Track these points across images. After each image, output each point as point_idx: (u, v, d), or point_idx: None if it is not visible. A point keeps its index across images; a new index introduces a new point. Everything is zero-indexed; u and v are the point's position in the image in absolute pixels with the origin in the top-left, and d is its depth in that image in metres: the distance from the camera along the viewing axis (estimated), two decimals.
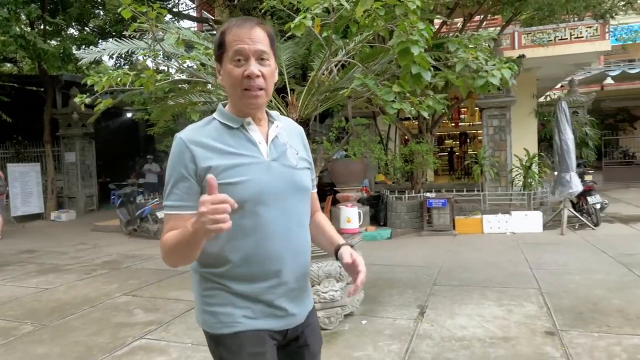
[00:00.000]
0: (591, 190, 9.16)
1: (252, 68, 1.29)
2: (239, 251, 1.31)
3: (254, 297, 1.34)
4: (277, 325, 1.37)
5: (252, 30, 1.31)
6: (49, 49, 10.53)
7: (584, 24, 12.13)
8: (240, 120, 1.35)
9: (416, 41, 2.92)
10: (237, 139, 1.34)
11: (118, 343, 3.81)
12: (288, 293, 1.38)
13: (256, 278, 1.33)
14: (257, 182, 1.30)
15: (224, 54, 1.33)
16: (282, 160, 1.38)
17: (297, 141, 1.49)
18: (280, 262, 1.34)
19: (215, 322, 1.35)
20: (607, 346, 3.36)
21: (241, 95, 1.32)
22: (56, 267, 7.05)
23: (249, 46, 1.29)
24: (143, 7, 3.04)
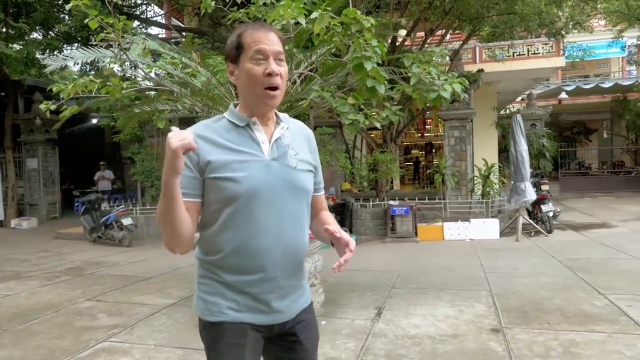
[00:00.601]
0: (545, 199, 9.65)
1: (272, 66, 1.37)
2: (230, 242, 1.39)
3: (240, 288, 1.40)
4: (261, 320, 1.43)
5: (268, 33, 1.40)
6: (11, 53, 10.36)
7: (540, 41, 12.79)
8: (246, 120, 1.43)
9: (369, 57, 3.15)
10: (241, 137, 1.42)
11: (81, 346, 3.86)
12: (276, 290, 1.43)
13: (244, 270, 1.40)
14: (253, 178, 1.37)
15: (242, 54, 1.40)
16: (282, 161, 1.44)
17: (303, 144, 1.54)
18: (267, 257, 1.40)
19: (204, 308, 1.44)
20: (545, 341, 3.64)
21: (260, 94, 1.39)
22: (17, 274, 6.95)
23: (268, 46, 1.38)
24: (110, 19, 3.16)
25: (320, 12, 3.07)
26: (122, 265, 7.46)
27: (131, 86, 4.20)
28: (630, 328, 3.85)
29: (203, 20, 13.84)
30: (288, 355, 1.52)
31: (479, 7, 8.54)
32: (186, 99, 4.09)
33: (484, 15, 8.88)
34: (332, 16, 3.11)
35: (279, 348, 1.52)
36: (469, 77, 10.57)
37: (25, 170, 14.12)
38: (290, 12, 3.04)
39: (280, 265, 1.43)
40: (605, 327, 3.88)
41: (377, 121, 3.75)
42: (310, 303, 1.58)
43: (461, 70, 10.81)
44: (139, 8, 15.99)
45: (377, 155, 10.25)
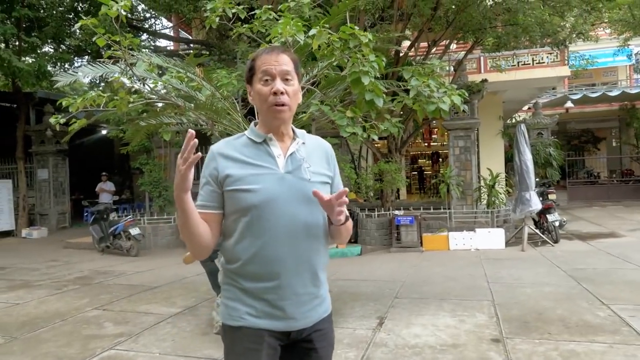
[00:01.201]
0: (550, 209, 9.63)
1: (277, 85, 1.48)
2: (247, 251, 1.48)
3: (257, 294, 1.48)
4: (277, 326, 1.49)
5: (278, 55, 1.52)
6: (23, 66, 10.61)
7: (545, 51, 12.84)
8: (263, 136, 1.53)
9: (366, 72, 3.23)
10: (258, 152, 1.52)
11: (87, 354, 3.94)
12: (291, 297, 1.49)
13: (260, 277, 1.48)
14: (268, 190, 1.46)
15: (254, 76, 1.53)
16: (297, 174, 1.52)
17: (320, 157, 1.61)
18: (281, 265, 1.47)
19: (226, 313, 1.54)
20: (545, 351, 3.66)
21: (268, 111, 1.51)
22: (27, 283, 7.07)
23: (274, 67, 1.49)
24: (117, 37, 3.29)
25: (318, 29, 3.17)
26: (129, 274, 7.56)
27: (138, 100, 4.33)
28: (631, 339, 3.86)
29: (210, 33, 14.04)
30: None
31: (481, 18, 8.62)
32: (191, 113, 4.20)
33: (486, 27, 8.96)
34: (330, 32, 3.20)
35: (294, 355, 1.57)
36: (472, 87, 10.65)
37: (36, 180, 14.36)
38: (288, 30, 3.14)
39: (295, 272, 1.49)
40: (606, 338, 3.89)
41: (375, 134, 3.83)
42: (329, 313, 1.63)
43: (465, 81, 10.89)
44: (147, 21, 16.25)
45: (381, 165, 10.31)
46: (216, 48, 13.50)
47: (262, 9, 4.37)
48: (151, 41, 16.07)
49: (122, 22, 3.50)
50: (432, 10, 8.96)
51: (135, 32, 14.91)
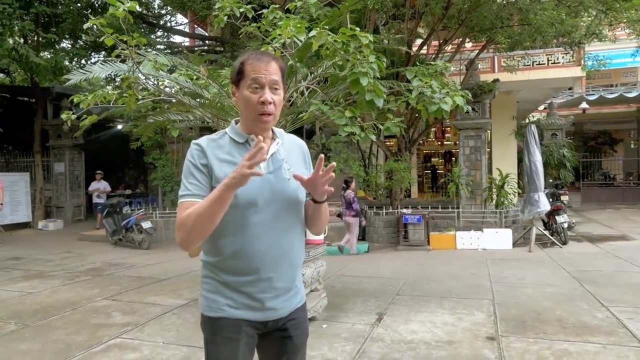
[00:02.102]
0: (559, 210, 9.58)
1: (266, 95, 1.52)
2: (229, 246, 1.54)
3: (236, 287, 1.56)
4: (255, 316, 1.58)
5: (268, 63, 1.55)
6: (40, 62, 10.87)
7: (560, 51, 12.72)
8: (245, 137, 1.59)
9: (365, 73, 3.31)
10: (241, 152, 1.56)
11: (95, 341, 4.10)
12: (270, 290, 1.57)
13: (240, 272, 1.55)
14: (251, 190, 1.50)
15: (242, 81, 1.56)
16: (278, 174, 1.58)
17: (297, 156, 1.69)
18: (261, 261, 1.55)
19: (205, 305, 1.60)
20: (538, 350, 3.71)
21: (254, 118, 1.55)
22: (41, 273, 7.30)
23: (265, 76, 1.53)
24: (124, 36, 3.41)
25: (318, 31, 3.25)
26: (140, 267, 7.75)
27: (147, 97, 4.46)
28: (626, 340, 3.88)
29: (224, 30, 14.19)
30: (278, 349, 1.67)
31: (493, 18, 8.60)
32: (197, 110, 4.32)
33: (497, 27, 8.93)
34: (329, 34, 3.28)
35: (270, 342, 1.67)
36: (484, 87, 10.63)
37: (52, 174, 14.70)
38: (288, 32, 3.23)
39: (274, 267, 1.57)
40: (601, 339, 3.92)
41: (373, 133, 3.90)
42: (304, 303, 1.72)
43: (476, 80, 10.87)
44: (163, 18, 16.47)
45: (391, 164, 10.36)
46: (229, 44, 13.66)
47: (270, 9, 4.46)
48: (166, 38, 16.27)
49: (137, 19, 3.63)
50: (444, 9, 8.97)
51: (150, 29, 15.16)
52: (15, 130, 14.92)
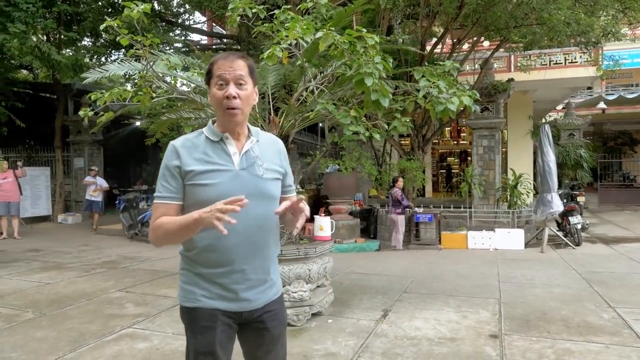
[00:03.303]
0: (573, 211, 9.51)
1: (230, 90, 1.61)
2: (203, 240, 1.62)
3: (211, 279, 1.64)
4: (229, 307, 1.65)
5: (233, 61, 1.63)
6: (62, 59, 11.15)
7: (578, 50, 12.56)
8: (220, 135, 1.66)
9: (370, 73, 3.38)
10: (215, 150, 1.65)
11: (107, 331, 4.25)
12: (243, 281, 1.65)
13: (215, 264, 1.63)
14: (223, 185, 1.60)
15: (211, 80, 1.66)
16: (251, 170, 1.66)
17: (273, 154, 1.75)
18: (235, 253, 1.62)
19: (182, 296, 1.70)
20: (540, 348, 3.74)
21: (223, 113, 1.64)
22: (59, 265, 7.53)
23: (228, 73, 1.62)
24: (139, 37, 3.54)
25: (324, 32, 3.33)
26: (154, 260, 7.94)
27: (161, 95, 4.59)
28: (630, 340, 3.89)
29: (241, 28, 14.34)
30: (256, 340, 1.76)
31: (507, 17, 8.56)
32: (208, 108, 4.44)
33: (512, 26, 8.88)
34: (335, 35, 3.35)
35: (249, 333, 1.76)
36: (498, 86, 10.58)
37: (72, 168, 15.04)
38: (294, 33, 3.31)
39: (247, 260, 1.65)
40: (604, 339, 3.93)
41: (378, 133, 3.96)
42: (280, 295, 1.80)
43: (491, 80, 10.81)
44: (181, 16, 16.69)
45: (403, 163, 10.38)
46: (246, 43, 13.80)
47: (281, 10, 4.55)
48: (184, 36, 16.48)
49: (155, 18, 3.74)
50: (457, 9, 8.95)
51: (169, 27, 15.38)
52: (37, 126, 15.34)
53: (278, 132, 4.56)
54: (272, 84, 5.08)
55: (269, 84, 5.02)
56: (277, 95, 4.93)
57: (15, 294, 5.60)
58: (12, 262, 7.76)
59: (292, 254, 4.41)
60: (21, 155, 15.30)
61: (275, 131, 4.53)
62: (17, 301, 5.29)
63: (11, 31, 10.17)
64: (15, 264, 7.54)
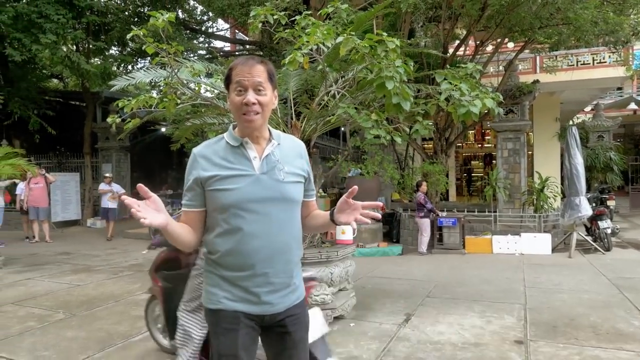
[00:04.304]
0: (603, 215, 9.27)
1: (249, 97, 1.61)
2: (225, 244, 1.64)
3: (233, 282, 1.65)
4: (252, 309, 1.66)
5: (252, 67, 1.63)
6: (90, 68, 11.49)
7: (607, 50, 12.27)
8: (239, 140, 1.67)
9: (391, 77, 3.38)
10: (235, 155, 1.66)
11: (134, 331, 4.35)
12: (266, 285, 1.65)
13: (237, 267, 1.64)
14: (244, 190, 1.61)
15: (230, 85, 1.66)
16: (271, 174, 1.66)
17: (295, 157, 1.75)
18: (256, 257, 1.63)
19: (206, 297, 1.71)
20: (567, 355, 3.67)
21: (241, 119, 1.65)
22: (88, 267, 7.74)
23: (247, 79, 1.61)
24: (163, 45, 3.63)
25: (345, 37, 3.36)
26: None
27: (185, 101, 4.69)
28: None
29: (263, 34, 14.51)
30: (278, 344, 1.76)
31: (532, 18, 8.44)
32: (231, 114, 4.52)
33: (537, 27, 8.75)
34: (356, 40, 3.38)
35: (271, 338, 1.76)
36: (523, 88, 10.43)
37: (101, 174, 15.41)
38: (315, 38, 3.35)
39: (269, 264, 1.65)
40: (635, 347, 3.83)
41: (399, 136, 3.96)
42: (302, 300, 1.79)
43: (515, 81, 10.66)
44: (205, 24, 16.98)
45: (426, 167, 10.31)
46: (268, 49, 13.95)
47: (302, 15, 4.60)
48: (207, 43, 16.76)
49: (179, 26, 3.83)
50: (480, 10, 8.87)
51: (193, 35, 15.67)
52: (67, 133, 15.78)
53: (300, 136, 4.60)
54: (293, 89, 5.13)
55: (291, 89, 5.07)
56: (298, 100, 4.97)
57: (47, 295, 5.78)
58: (44, 264, 8.01)
59: (314, 257, 4.43)
60: (52, 162, 15.77)
61: (297, 135, 4.57)
62: (49, 302, 5.46)
63: (43, 42, 10.53)
64: (47, 267, 7.78)
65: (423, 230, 9.27)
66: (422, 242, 9.27)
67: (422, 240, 9.27)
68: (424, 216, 9.24)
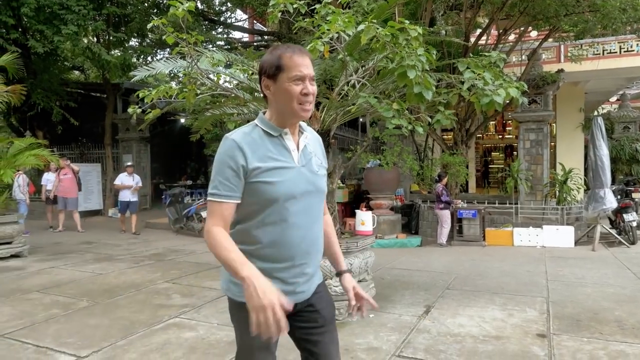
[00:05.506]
0: (628, 208, 9.05)
1: (309, 87, 1.60)
2: (267, 236, 1.62)
3: (271, 273, 1.60)
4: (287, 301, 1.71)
5: (305, 58, 1.63)
6: (111, 59, 11.60)
7: (634, 38, 11.92)
8: (279, 130, 1.64)
9: (413, 66, 3.32)
10: (275, 146, 1.63)
11: (156, 320, 4.40)
12: (301, 275, 1.68)
13: (276, 259, 1.63)
14: (288, 183, 1.60)
15: (282, 74, 1.60)
16: (309, 167, 1.68)
17: (319, 150, 1.79)
18: (297, 249, 1.65)
19: (238, 291, 1.61)
20: (592, 350, 3.59)
21: (297, 109, 1.60)
22: (110, 256, 7.87)
23: (306, 71, 1.60)
24: (183, 35, 3.63)
25: (367, 25, 3.31)
26: (198, 253, 8.15)
27: (205, 92, 4.69)
28: None
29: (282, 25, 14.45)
30: (310, 325, 1.75)
31: (557, 5, 8.22)
32: (250, 104, 4.50)
33: (562, 14, 8.52)
34: (377, 28, 3.32)
35: (300, 320, 1.73)
36: (547, 78, 10.20)
37: (121, 165, 15.63)
38: (336, 27, 3.30)
39: (306, 255, 1.68)
40: None
41: (420, 126, 3.90)
42: (323, 279, 1.84)
43: (539, 71, 10.44)
44: (223, 14, 16.99)
45: (446, 158, 10.19)
46: (286, 39, 13.89)
47: (322, 4, 4.55)
48: (226, 34, 16.78)
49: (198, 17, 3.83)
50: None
51: (211, 25, 15.70)
52: (88, 124, 16.04)
53: (320, 126, 4.56)
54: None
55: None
56: (318, 90, 4.93)
57: (71, 284, 5.89)
58: (67, 253, 8.17)
59: None
60: (74, 153, 16.04)
61: (316, 126, 4.53)
62: (72, 290, 5.56)
63: (64, 33, 10.66)
64: (70, 256, 7.93)
65: (443, 221, 9.19)
66: (442, 234, 9.20)
67: (443, 232, 9.20)
68: (444, 207, 9.16)
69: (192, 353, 3.60)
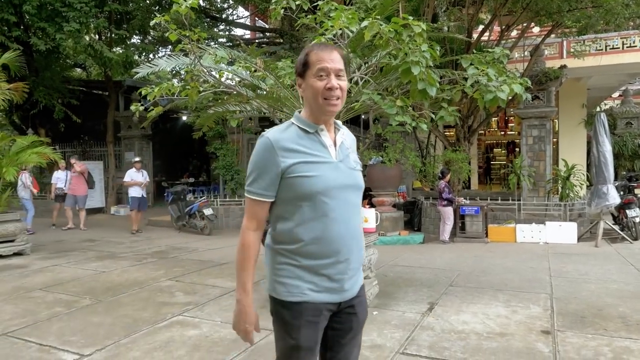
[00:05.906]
0: (631, 204, 9.04)
1: (333, 82, 1.60)
2: (310, 232, 1.61)
3: (317, 271, 1.62)
4: (334, 299, 1.66)
5: (332, 52, 1.63)
6: (113, 57, 11.60)
7: (637, 33, 11.87)
8: (315, 127, 1.65)
9: (417, 62, 3.31)
10: (312, 142, 1.64)
11: (159, 318, 4.40)
12: (348, 271, 1.66)
13: (321, 255, 1.62)
14: (326, 177, 1.60)
15: (308, 71, 1.63)
16: (346, 162, 1.69)
17: (353, 147, 1.81)
18: (340, 243, 1.63)
19: (284, 290, 1.64)
20: (596, 346, 3.58)
21: (322, 104, 1.61)
22: (113, 254, 7.87)
23: (330, 65, 1.60)
24: (186, 32, 3.62)
25: (370, 21, 3.29)
26: (201, 251, 8.15)
27: (208, 89, 4.68)
28: None
29: (284, 21, 14.43)
30: (344, 326, 1.74)
31: (560, 1, 8.17)
32: (254, 101, 4.49)
33: (565, 10, 8.48)
34: (381, 24, 3.30)
35: (337, 322, 1.73)
36: (549, 74, 10.17)
37: (123, 162, 15.65)
38: (340, 23, 3.29)
39: (350, 250, 1.67)
40: None
41: (424, 122, 3.88)
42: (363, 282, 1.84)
43: (542, 67, 10.41)
44: (225, 11, 16.95)
45: (449, 154, 10.17)
46: (288, 36, 13.87)
47: (325, 1, 4.53)
48: (228, 31, 16.75)
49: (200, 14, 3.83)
50: None
51: (213, 23, 15.67)
52: (90, 122, 16.05)
53: None
54: None
55: None
56: None
57: (73, 282, 5.90)
58: (70, 251, 8.18)
59: None
60: (76, 150, 16.05)
61: None
62: (75, 288, 5.57)
63: (66, 30, 10.65)
64: (73, 253, 7.94)
65: (446, 218, 9.19)
66: (444, 231, 9.19)
67: (445, 228, 9.19)
68: (447, 204, 9.15)
69: (196, 351, 3.60)
